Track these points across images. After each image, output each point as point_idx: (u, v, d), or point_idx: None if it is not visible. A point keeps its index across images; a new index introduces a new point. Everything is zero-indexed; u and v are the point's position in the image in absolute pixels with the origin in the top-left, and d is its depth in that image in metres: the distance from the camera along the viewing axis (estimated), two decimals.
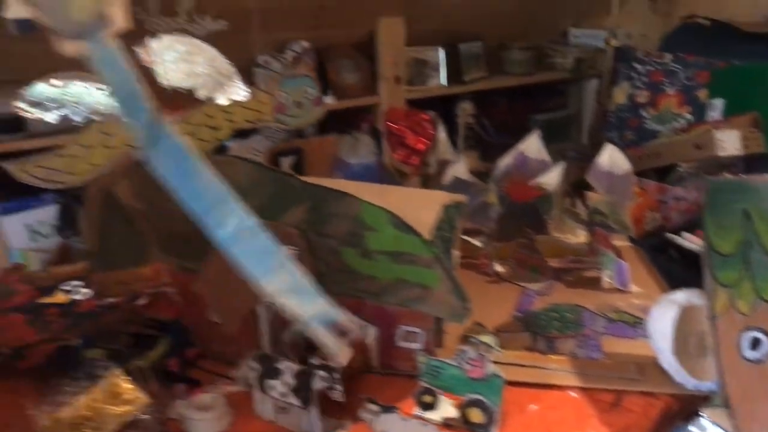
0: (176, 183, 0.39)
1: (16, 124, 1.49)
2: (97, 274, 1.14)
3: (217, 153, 1.19)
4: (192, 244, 0.93)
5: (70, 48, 0.38)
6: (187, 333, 1.03)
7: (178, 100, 1.10)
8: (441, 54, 2.01)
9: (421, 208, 0.92)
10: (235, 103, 1.12)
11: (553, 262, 1.29)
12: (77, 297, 1.08)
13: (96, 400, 0.90)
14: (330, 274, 0.90)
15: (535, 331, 1.06)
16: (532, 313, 1.09)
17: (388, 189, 1.02)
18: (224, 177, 0.80)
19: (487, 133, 2.13)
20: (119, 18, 0.38)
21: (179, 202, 0.90)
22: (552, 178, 1.33)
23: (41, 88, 1.07)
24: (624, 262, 1.27)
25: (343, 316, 0.42)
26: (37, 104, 1.08)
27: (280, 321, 0.99)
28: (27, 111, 1.06)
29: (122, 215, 0.89)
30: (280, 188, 0.79)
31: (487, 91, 2.13)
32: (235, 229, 0.39)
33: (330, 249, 0.85)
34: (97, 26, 0.36)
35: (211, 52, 1.09)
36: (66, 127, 1.12)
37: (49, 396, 0.89)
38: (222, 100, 1.10)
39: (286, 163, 1.82)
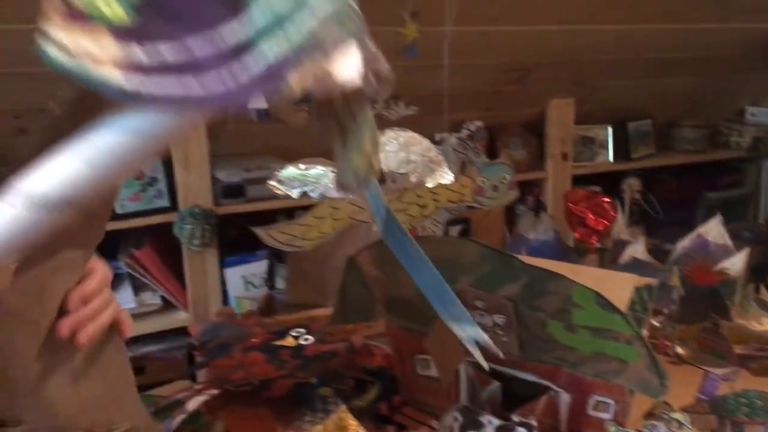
0: (397, 251, 0.62)
1: (239, 191, 1.89)
2: (317, 324, 1.42)
3: None
4: (412, 308, 1.16)
5: (361, 198, 0.62)
6: (394, 381, 1.26)
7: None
8: (609, 132, 2.17)
9: (614, 288, 1.08)
10: (441, 186, 1.36)
11: (738, 349, 1.36)
12: (303, 342, 1.36)
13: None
14: (532, 342, 1.08)
15: (722, 414, 1.15)
16: (719, 397, 1.17)
17: (579, 269, 1.19)
18: (457, 252, 1.03)
19: (653, 209, 2.22)
20: (378, 163, 0.62)
21: (404, 270, 1.14)
22: (736, 263, 1.41)
23: (290, 170, 1.38)
24: None
25: (488, 339, 0.66)
26: (283, 182, 1.39)
27: (480, 379, 1.18)
28: (277, 188, 1.38)
29: (360, 279, 1.15)
30: (500, 266, 1.00)
31: (655, 167, 2.24)
32: (429, 278, 0.62)
33: (538, 320, 1.03)
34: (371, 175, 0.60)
35: (425, 143, 1.35)
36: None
37: (293, 423, 1.14)
38: (430, 184, 1.35)
39: (454, 231, 2.05)
